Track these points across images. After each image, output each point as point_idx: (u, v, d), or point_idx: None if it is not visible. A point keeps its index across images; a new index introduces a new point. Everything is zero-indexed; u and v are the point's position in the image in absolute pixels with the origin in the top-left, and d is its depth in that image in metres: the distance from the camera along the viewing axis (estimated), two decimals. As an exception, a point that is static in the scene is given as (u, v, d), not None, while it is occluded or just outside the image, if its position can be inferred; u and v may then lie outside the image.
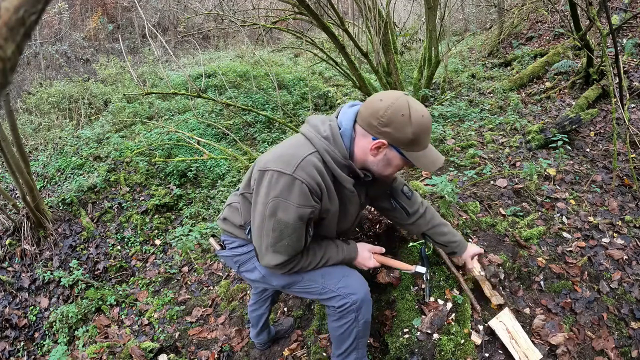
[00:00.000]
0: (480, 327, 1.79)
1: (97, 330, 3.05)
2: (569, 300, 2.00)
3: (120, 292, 3.46)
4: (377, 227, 1.97)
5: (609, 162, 3.15)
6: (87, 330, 3.05)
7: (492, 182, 2.87)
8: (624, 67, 4.41)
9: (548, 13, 6.98)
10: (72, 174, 4.77)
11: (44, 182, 4.72)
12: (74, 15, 11.55)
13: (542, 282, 2.09)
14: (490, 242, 2.27)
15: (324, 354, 2.02)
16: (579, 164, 3.16)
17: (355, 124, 1.30)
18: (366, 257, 1.54)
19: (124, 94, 6.66)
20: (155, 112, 6.37)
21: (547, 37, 6.51)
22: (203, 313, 2.88)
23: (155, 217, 4.32)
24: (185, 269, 3.62)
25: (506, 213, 2.55)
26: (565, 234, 2.41)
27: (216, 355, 2.38)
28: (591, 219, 2.52)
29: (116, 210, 4.38)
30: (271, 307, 2.11)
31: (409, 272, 1.74)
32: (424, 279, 1.88)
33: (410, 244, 1.96)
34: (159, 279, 3.56)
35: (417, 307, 1.81)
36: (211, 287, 3.23)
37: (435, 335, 1.70)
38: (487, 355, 1.71)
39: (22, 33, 0.38)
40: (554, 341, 1.80)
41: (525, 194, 2.74)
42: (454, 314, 1.78)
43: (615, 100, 2.89)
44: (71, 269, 3.65)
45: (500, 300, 1.83)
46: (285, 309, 2.54)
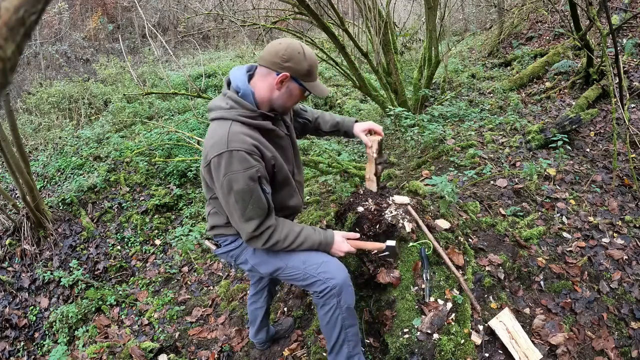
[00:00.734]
0: (480, 327, 1.79)
1: (97, 330, 3.05)
2: (569, 300, 2.00)
3: (120, 292, 3.46)
4: (377, 227, 1.97)
5: (609, 162, 3.14)
6: (87, 330, 3.05)
7: (492, 182, 2.87)
8: (624, 67, 4.41)
9: (548, 13, 6.97)
10: (72, 174, 4.77)
11: (44, 182, 4.72)
12: (74, 15, 11.56)
13: (542, 282, 2.09)
14: (490, 242, 2.27)
15: (324, 354, 2.02)
16: (579, 164, 3.16)
17: (251, 79, 1.52)
18: (340, 242, 1.66)
19: (124, 94, 6.66)
20: (155, 112, 6.37)
21: (547, 37, 6.50)
22: (203, 313, 2.88)
23: (155, 217, 4.32)
24: (185, 269, 3.62)
25: (506, 213, 2.56)
26: (565, 234, 2.41)
27: (216, 355, 2.38)
28: (591, 219, 2.52)
29: (116, 210, 4.38)
30: (269, 302, 2.14)
31: (382, 252, 1.75)
32: (424, 278, 1.88)
33: (411, 244, 1.96)
34: (159, 279, 3.56)
35: (417, 307, 1.81)
36: (211, 287, 3.24)
37: (435, 335, 1.70)
38: (487, 355, 1.72)
39: (22, 33, 0.38)
40: (554, 341, 1.80)
41: (525, 194, 2.74)
42: (454, 314, 1.78)
43: (615, 100, 2.89)
44: (71, 269, 3.65)
45: (374, 187, 1.98)
46: (285, 309, 2.54)
